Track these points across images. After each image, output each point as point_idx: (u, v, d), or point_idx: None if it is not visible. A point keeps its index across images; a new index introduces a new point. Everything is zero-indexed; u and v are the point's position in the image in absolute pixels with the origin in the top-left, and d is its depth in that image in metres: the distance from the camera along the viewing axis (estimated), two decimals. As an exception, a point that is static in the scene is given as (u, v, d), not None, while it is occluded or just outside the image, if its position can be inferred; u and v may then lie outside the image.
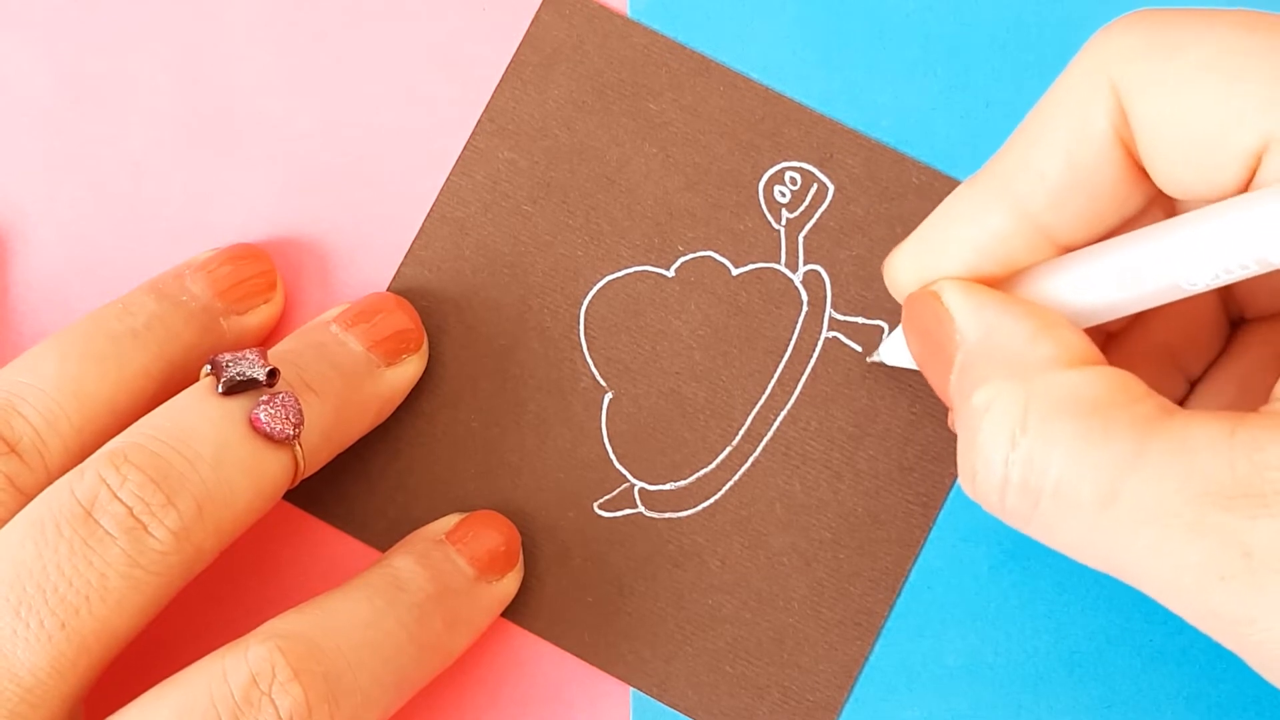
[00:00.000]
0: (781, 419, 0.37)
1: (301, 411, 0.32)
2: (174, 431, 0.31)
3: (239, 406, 0.32)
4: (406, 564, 0.34)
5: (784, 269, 0.37)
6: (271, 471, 0.32)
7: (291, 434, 0.32)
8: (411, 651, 0.33)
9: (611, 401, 0.37)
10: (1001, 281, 0.30)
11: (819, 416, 0.36)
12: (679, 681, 0.36)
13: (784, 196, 0.37)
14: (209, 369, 0.33)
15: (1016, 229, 0.29)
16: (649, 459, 0.37)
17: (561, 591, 0.36)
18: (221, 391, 0.32)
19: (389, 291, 0.37)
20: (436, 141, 0.38)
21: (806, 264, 0.37)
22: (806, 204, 0.37)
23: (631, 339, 0.37)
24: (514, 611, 0.36)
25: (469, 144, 0.38)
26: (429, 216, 0.38)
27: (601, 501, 0.37)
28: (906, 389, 0.36)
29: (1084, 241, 0.30)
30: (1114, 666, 0.36)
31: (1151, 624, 0.36)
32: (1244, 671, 0.35)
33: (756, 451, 0.36)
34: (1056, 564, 0.36)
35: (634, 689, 0.36)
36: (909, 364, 0.34)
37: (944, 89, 0.37)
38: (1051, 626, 0.36)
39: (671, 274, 0.37)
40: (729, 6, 0.37)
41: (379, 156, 0.38)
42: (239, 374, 0.32)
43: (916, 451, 0.36)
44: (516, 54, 0.38)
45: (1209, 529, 0.26)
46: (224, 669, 0.30)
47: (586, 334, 0.37)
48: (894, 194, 0.37)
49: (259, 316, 0.36)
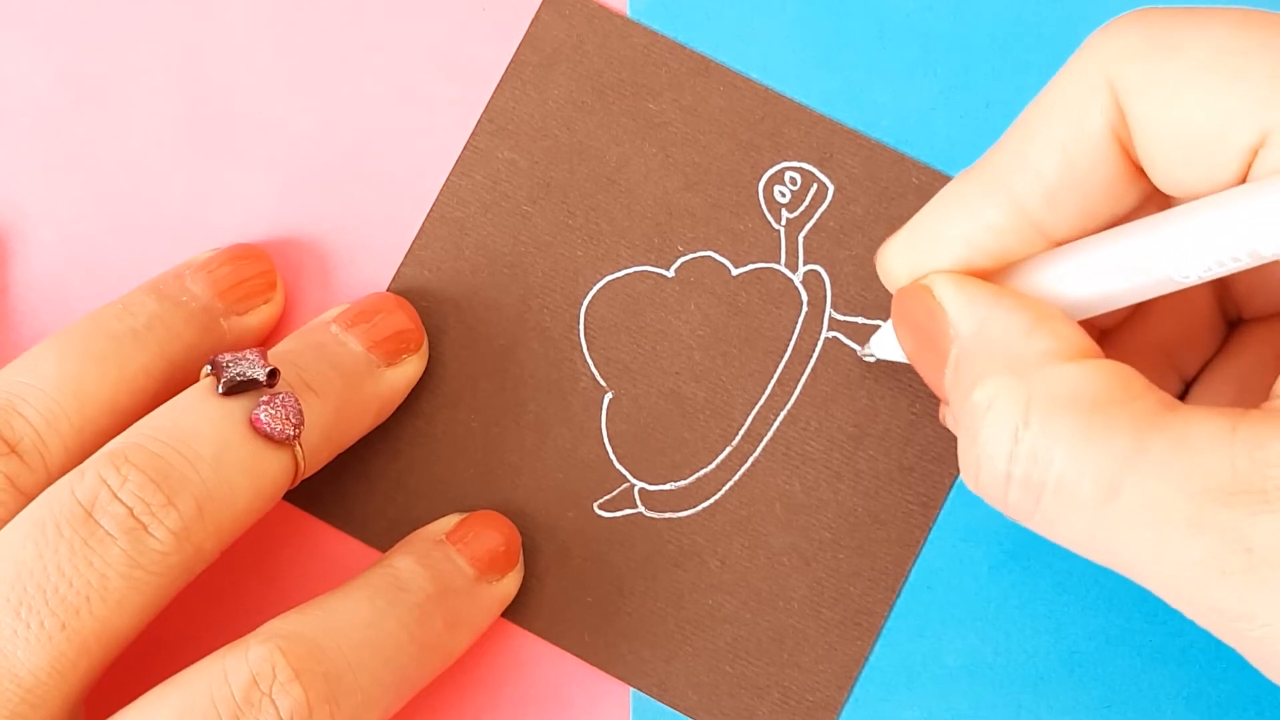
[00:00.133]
0: (781, 419, 0.37)
1: (302, 412, 0.32)
2: (174, 432, 0.31)
3: (239, 407, 0.32)
4: (407, 564, 0.34)
5: (784, 269, 0.37)
6: (272, 472, 0.32)
7: (292, 434, 0.32)
8: (412, 651, 0.33)
9: (611, 401, 0.37)
10: (993, 274, 0.30)
11: (819, 416, 0.36)
12: (679, 681, 0.36)
13: (784, 196, 0.37)
14: (209, 369, 0.33)
15: (1010, 224, 0.29)
16: (649, 459, 0.37)
17: (561, 591, 0.36)
18: (222, 392, 0.32)
19: (389, 291, 0.37)
20: (436, 141, 0.38)
21: (806, 264, 0.37)
22: (806, 204, 0.37)
23: (631, 339, 0.37)
24: (514, 611, 0.36)
25: (469, 144, 0.38)
26: (429, 216, 0.38)
27: (601, 501, 0.37)
28: (906, 389, 0.36)
29: (1076, 237, 0.30)
30: (1114, 666, 0.36)
31: (1151, 624, 0.36)
32: (1244, 671, 0.35)
33: (756, 451, 0.36)
34: (1056, 564, 0.36)
35: (634, 689, 0.36)
36: (899, 357, 0.33)
37: (944, 89, 0.37)
38: (1051, 626, 0.36)
39: (671, 274, 0.37)
40: (729, 6, 0.37)
41: (379, 156, 0.38)
42: (239, 374, 0.32)
43: (916, 451, 0.36)
44: (516, 54, 0.38)
45: (1210, 525, 0.26)
46: (224, 669, 0.30)
47: (586, 334, 0.37)
48: (894, 194, 0.37)
49: (259, 316, 0.36)
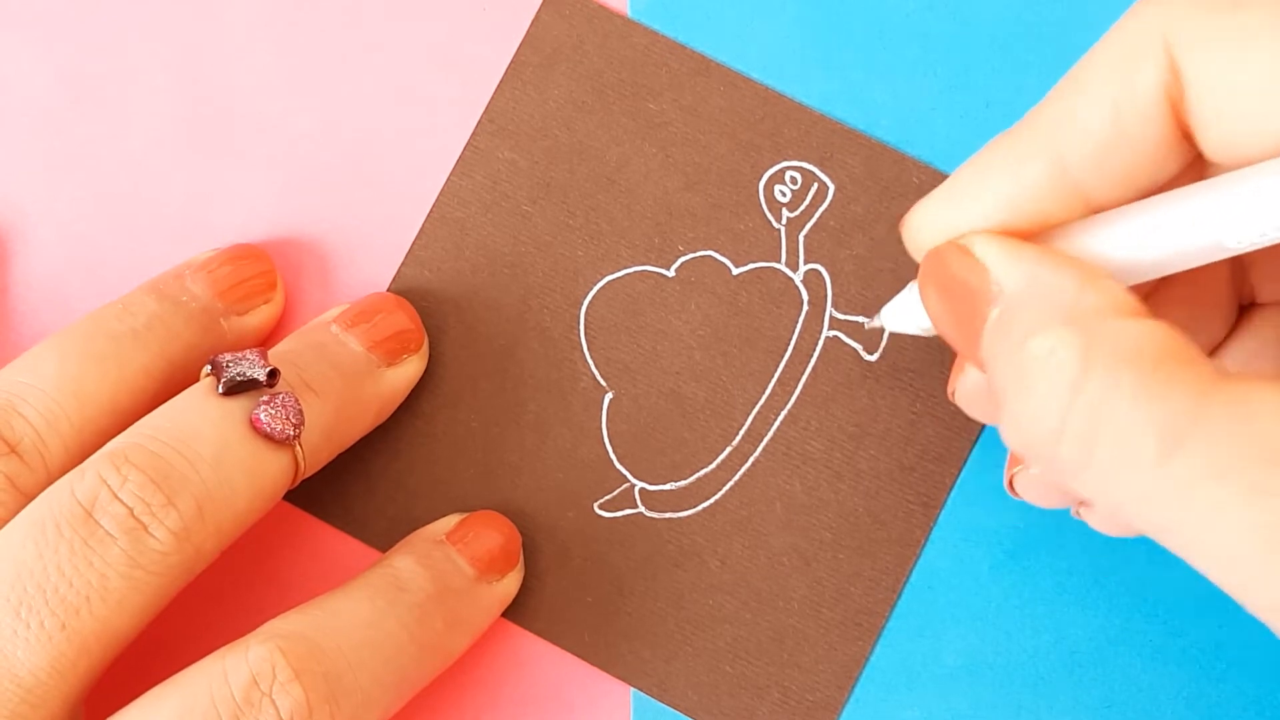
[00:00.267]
0: (782, 419, 0.37)
1: (302, 412, 0.32)
2: (174, 432, 0.31)
3: (239, 407, 0.32)
4: (407, 564, 0.34)
5: (784, 268, 0.37)
6: (272, 472, 0.32)
7: (292, 434, 0.32)
8: (412, 652, 0.33)
9: (611, 401, 0.37)
10: (1028, 239, 0.30)
11: (819, 416, 0.36)
12: (679, 681, 0.36)
13: (784, 196, 0.37)
14: (209, 369, 0.33)
15: (1052, 184, 0.29)
16: (649, 459, 0.37)
17: (561, 591, 0.36)
18: (222, 392, 0.32)
19: (389, 291, 0.37)
20: (437, 141, 0.38)
21: (807, 263, 0.37)
22: (807, 203, 0.37)
23: (631, 339, 0.37)
24: (514, 611, 0.36)
25: (469, 144, 0.38)
26: (429, 216, 0.38)
27: (601, 501, 0.37)
28: (907, 388, 0.36)
29: (1115, 203, 0.29)
30: (1114, 666, 0.36)
31: (1151, 624, 0.36)
32: (1244, 671, 0.35)
33: (757, 451, 0.36)
34: (1056, 564, 0.36)
35: (634, 689, 0.36)
36: (913, 329, 0.32)
37: (944, 89, 0.37)
38: (1051, 626, 0.36)
39: (671, 274, 0.37)
40: (729, 6, 0.37)
41: (379, 156, 0.38)
42: (239, 374, 0.32)
43: (917, 451, 0.36)
44: (516, 54, 0.38)
45: (1270, 491, 0.25)
46: (225, 669, 0.30)
47: (586, 334, 0.37)
48: (894, 193, 0.37)
49: (259, 317, 0.36)
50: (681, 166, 0.37)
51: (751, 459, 0.36)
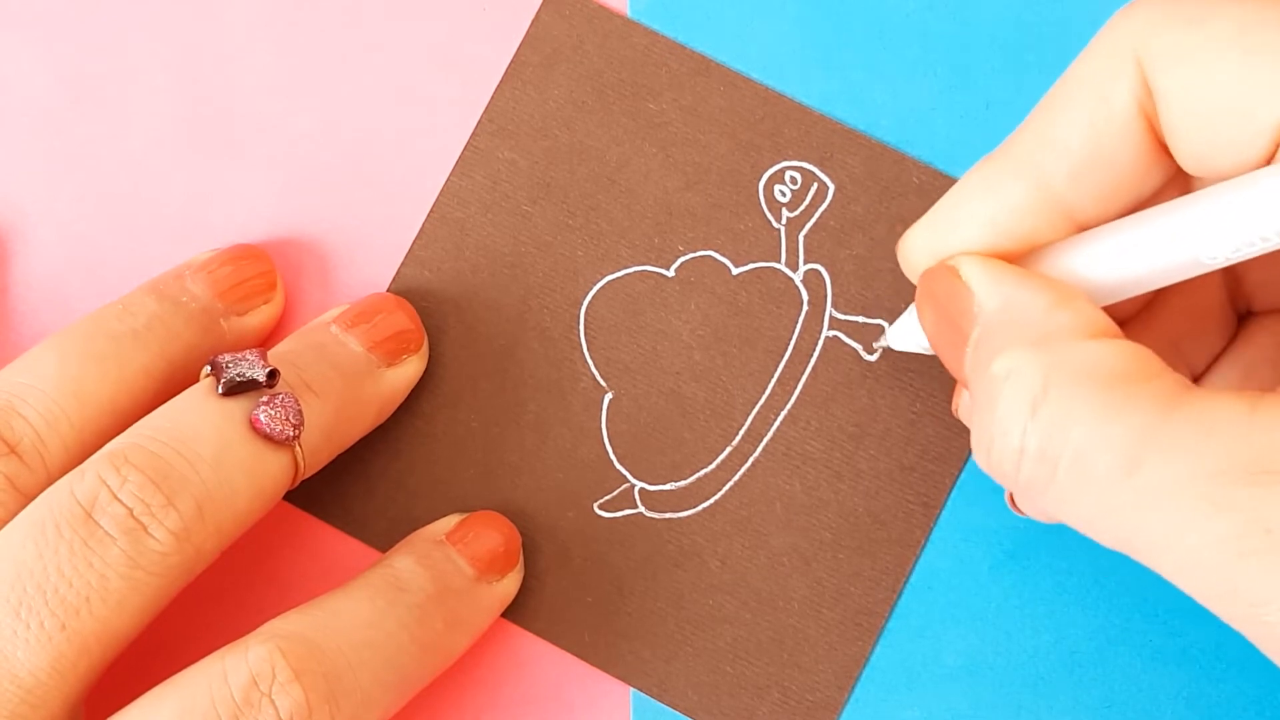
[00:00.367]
0: (782, 419, 0.37)
1: (301, 412, 0.32)
2: (174, 432, 0.31)
3: (239, 407, 0.32)
4: (407, 564, 0.34)
5: (784, 268, 0.37)
6: (272, 472, 0.32)
7: (291, 435, 0.32)
8: (412, 652, 0.33)
9: (611, 401, 0.37)
10: (1017, 259, 0.30)
11: (819, 416, 0.36)
12: (679, 681, 0.36)
13: (784, 196, 0.37)
14: (209, 370, 0.33)
15: (1035, 204, 0.29)
16: (649, 459, 0.37)
17: (561, 591, 0.36)
18: (221, 392, 0.32)
19: (389, 292, 0.37)
20: (436, 141, 0.38)
21: (807, 263, 0.37)
22: (807, 203, 0.37)
23: (631, 339, 0.37)
24: (514, 611, 0.36)
25: (469, 144, 0.38)
26: (429, 216, 0.38)
27: (601, 502, 0.37)
28: (907, 388, 0.36)
29: (1101, 219, 0.29)
30: (1114, 666, 0.36)
31: (1151, 624, 0.36)
32: (1244, 671, 0.35)
33: (757, 451, 0.36)
34: (1056, 564, 0.36)
35: (634, 689, 0.36)
36: (916, 348, 0.33)
37: (944, 89, 0.37)
38: (1051, 626, 0.36)
39: (671, 274, 0.37)
40: (729, 6, 0.37)
41: (379, 156, 0.38)
42: (239, 374, 0.32)
43: (917, 451, 0.36)
44: (516, 54, 0.38)
45: (1230, 505, 0.25)
46: (224, 670, 0.30)
47: (586, 334, 0.37)
48: (894, 193, 0.37)
49: (259, 317, 0.36)
50: (681, 166, 0.37)
51: (751, 459, 0.36)
